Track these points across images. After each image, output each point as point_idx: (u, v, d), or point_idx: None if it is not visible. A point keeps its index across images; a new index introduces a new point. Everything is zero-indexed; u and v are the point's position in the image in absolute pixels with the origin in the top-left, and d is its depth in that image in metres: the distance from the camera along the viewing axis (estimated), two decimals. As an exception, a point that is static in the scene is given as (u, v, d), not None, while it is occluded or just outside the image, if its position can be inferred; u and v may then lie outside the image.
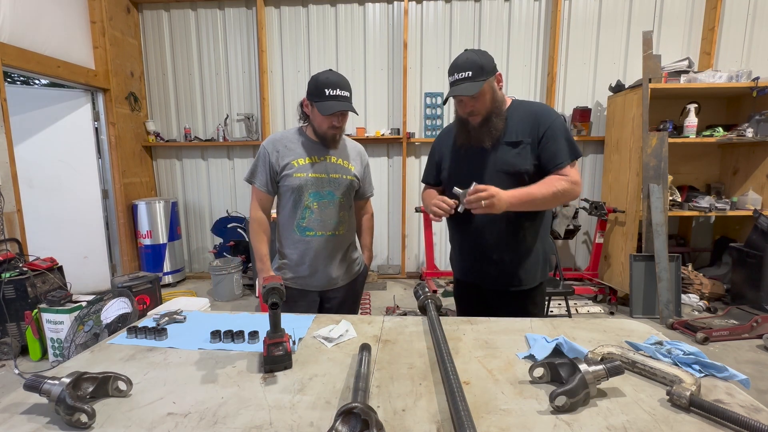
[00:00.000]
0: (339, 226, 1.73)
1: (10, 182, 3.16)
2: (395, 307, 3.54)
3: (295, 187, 1.64)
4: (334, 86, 1.55)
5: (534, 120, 1.48)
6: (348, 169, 1.74)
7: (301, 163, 1.66)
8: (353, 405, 0.76)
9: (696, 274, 4.03)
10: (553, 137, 1.45)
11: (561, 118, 1.50)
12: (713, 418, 0.82)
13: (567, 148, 1.45)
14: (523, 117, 1.50)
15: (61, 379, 0.87)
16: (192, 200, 4.98)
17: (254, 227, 1.71)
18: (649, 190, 3.56)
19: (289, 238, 1.72)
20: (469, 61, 1.43)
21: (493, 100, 1.48)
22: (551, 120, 1.47)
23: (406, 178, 4.68)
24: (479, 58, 1.44)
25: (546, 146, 1.46)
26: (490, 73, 1.45)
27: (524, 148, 1.48)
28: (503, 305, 1.59)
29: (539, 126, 1.47)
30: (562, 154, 1.44)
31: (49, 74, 3.61)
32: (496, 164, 1.51)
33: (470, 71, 1.42)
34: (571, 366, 0.93)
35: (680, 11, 4.30)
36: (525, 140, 1.48)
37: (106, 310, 2.50)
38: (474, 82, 1.42)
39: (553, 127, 1.46)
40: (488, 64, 1.44)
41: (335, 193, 1.70)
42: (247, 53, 4.69)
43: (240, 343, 1.22)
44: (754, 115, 3.69)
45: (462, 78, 1.43)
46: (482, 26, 4.49)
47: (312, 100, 1.60)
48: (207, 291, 4.49)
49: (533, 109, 1.51)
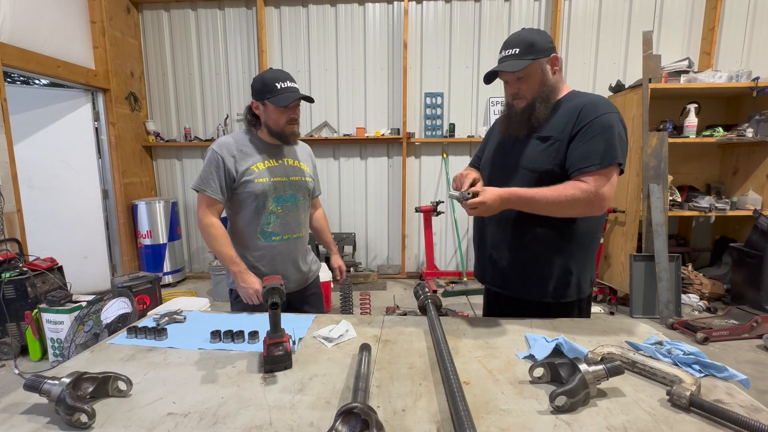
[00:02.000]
0: (302, 228, 1.74)
1: (10, 182, 3.16)
2: (395, 307, 3.54)
3: (258, 193, 1.59)
4: (283, 80, 1.54)
5: (576, 114, 1.26)
6: (303, 171, 1.74)
7: (261, 168, 1.61)
8: (353, 405, 0.76)
9: (696, 274, 4.03)
10: (590, 135, 1.22)
11: (612, 116, 1.24)
12: (713, 418, 0.82)
13: (602, 150, 1.21)
14: (569, 110, 1.29)
15: (61, 379, 0.87)
16: (192, 200, 4.98)
17: (212, 232, 1.58)
18: (649, 190, 3.56)
19: (251, 245, 1.66)
20: (521, 38, 1.28)
21: (541, 84, 1.30)
22: (595, 116, 1.23)
23: (406, 178, 4.68)
24: (532, 36, 1.28)
25: (577, 145, 1.24)
26: (543, 53, 1.27)
27: (552, 145, 1.28)
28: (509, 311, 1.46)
29: (578, 121, 1.25)
30: (592, 157, 1.21)
31: (49, 74, 3.62)
32: (521, 159, 1.34)
33: (518, 48, 1.27)
34: (571, 366, 0.93)
35: (680, 11, 4.30)
36: (556, 136, 1.28)
37: (106, 310, 2.50)
38: (520, 59, 1.26)
39: (594, 124, 1.22)
40: (542, 42, 1.28)
41: (297, 196, 1.69)
42: (247, 53, 4.69)
43: (240, 343, 1.22)
44: (754, 115, 3.69)
45: (509, 55, 1.28)
46: (482, 26, 4.49)
47: (264, 98, 1.55)
48: (207, 291, 4.49)
49: (583, 102, 1.28)
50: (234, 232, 1.69)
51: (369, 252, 4.99)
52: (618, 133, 1.23)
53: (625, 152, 1.25)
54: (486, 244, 1.49)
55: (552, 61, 1.31)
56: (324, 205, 4.78)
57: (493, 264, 1.47)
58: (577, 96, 1.34)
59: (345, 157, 4.81)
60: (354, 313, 3.45)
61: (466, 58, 4.55)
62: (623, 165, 1.26)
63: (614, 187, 1.24)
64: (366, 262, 5.01)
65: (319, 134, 4.69)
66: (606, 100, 1.29)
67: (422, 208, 4.35)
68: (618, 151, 1.22)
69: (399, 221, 4.81)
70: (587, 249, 1.39)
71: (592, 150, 1.22)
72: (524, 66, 1.26)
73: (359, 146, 4.77)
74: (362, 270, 4.82)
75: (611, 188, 1.23)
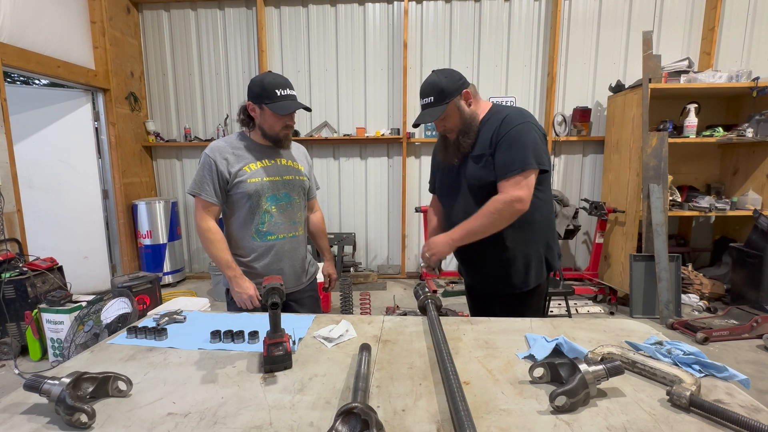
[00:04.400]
0: (298, 227, 1.74)
1: (10, 182, 3.16)
2: (395, 307, 3.54)
3: (251, 193, 1.60)
4: (283, 86, 1.55)
5: (497, 128, 1.45)
6: (298, 170, 1.74)
7: (254, 168, 1.62)
8: (353, 405, 0.76)
9: (696, 274, 4.03)
10: (507, 146, 1.41)
11: (526, 125, 1.42)
12: (713, 418, 0.82)
13: (519, 157, 1.39)
14: (491, 126, 1.48)
15: (61, 379, 0.87)
16: (192, 200, 4.96)
17: (210, 237, 1.60)
18: (649, 190, 3.56)
19: (246, 246, 1.66)
20: (431, 85, 1.46)
21: (461, 119, 1.48)
22: (510, 128, 1.42)
23: (406, 178, 4.68)
24: (440, 81, 1.45)
25: (498, 157, 1.44)
26: (453, 95, 1.45)
27: (486, 160, 1.47)
28: (499, 307, 1.60)
29: (498, 135, 1.44)
30: (511, 165, 1.41)
31: (49, 74, 3.62)
32: (467, 178, 1.54)
33: (432, 96, 1.45)
34: (571, 366, 0.93)
35: (680, 11, 4.30)
36: (486, 152, 1.47)
37: (106, 310, 2.50)
38: (436, 107, 1.46)
39: (510, 135, 1.41)
40: (450, 85, 1.45)
41: (291, 195, 1.70)
42: (247, 53, 4.69)
43: (240, 343, 1.22)
44: (754, 115, 3.69)
45: (426, 104, 1.48)
46: (482, 26, 4.49)
47: (262, 102, 1.56)
48: (207, 291, 4.49)
49: (502, 116, 1.47)
50: (229, 233, 1.70)
51: (369, 252, 4.99)
52: (533, 140, 1.41)
53: (541, 155, 1.43)
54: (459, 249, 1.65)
55: (465, 96, 1.49)
56: (324, 205, 4.81)
57: (476, 268, 1.67)
58: (497, 111, 1.52)
59: (345, 157, 4.81)
60: (354, 313, 3.45)
61: (466, 58, 4.55)
62: (543, 166, 1.44)
63: (531, 188, 1.42)
64: (366, 262, 5.01)
65: (319, 134, 4.69)
66: (521, 113, 1.47)
67: (422, 208, 4.35)
68: (531, 158, 1.40)
69: (399, 221, 4.82)
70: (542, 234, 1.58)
71: (509, 159, 1.41)
72: (440, 114, 1.46)
73: (359, 146, 4.77)
74: (362, 270, 4.83)
75: (528, 189, 1.41)
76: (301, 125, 4.71)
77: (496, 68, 4.55)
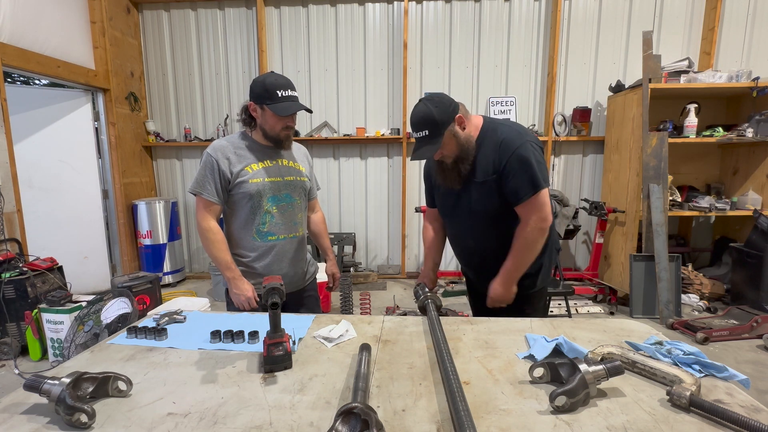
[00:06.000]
0: (299, 227, 1.75)
1: (10, 182, 3.16)
2: (395, 307, 3.53)
3: (252, 193, 1.60)
4: (284, 87, 1.55)
5: (497, 154, 1.46)
6: (299, 171, 1.75)
7: (255, 169, 1.62)
8: (353, 405, 0.76)
9: (696, 274, 4.03)
10: (513, 173, 1.43)
11: (525, 147, 1.43)
12: (713, 418, 0.82)
13: (527, 181, 1.42)
14: (489, 151, 1.48)
15: (61, 379, 0.87)
16: (192, 200, 4.97)
17: (210, 237, 1.60)
18: (649, 190, 3.56)
19: (247, 246, 1.66)
20: (424, 118, 1.41)
21: (458, 145, 1.46)
22: (511, 152, 1.43)
23: (406, 178, 4.68)
24: (432, 111, 1.40)
25: (507, 183, 1.45)
26: (447, 123, 1.42)
27: (489, 186, 1.49)
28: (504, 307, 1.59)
29: (500, 160, 1.45)
30: (522, 190, 1.43)
31: (49, 74, 3.61)
32: (470, 203, 1.55)
33: (426, 129, 1.41)
34: (571, 366, 0.93)
35: (680, 11, 4.30)
36: (489, 178, 1.48)
37: (106, 310, 2.50)
38: (432, 142, 1.42)
39: (512, 161, 1.42)
40: (443, 115, 1.41)
41: (292, 196, 1.70)
42: (247, 53, 4.69)
43: (240, 343, 1.22)
44: (754, 115, 3.69)
45: (421, 137, 1.44)
46: (482, 26, 4.48)
47: (263, 102, 1.56)
48: (207, 291, 4.49)
49: (499, 139, 1.46)
50: (230, 233, 1.70)
51: (369, 252, 4.99)
52: (535, 161, 1.43)
53: (545, 172, 1.48)
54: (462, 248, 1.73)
55: (458, 122, 1.45)
56: (324, 205, 4.81)
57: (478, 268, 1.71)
58: (490, 131, 1.50)
59: (345, 157, 4.81)
60: (354, 313, 3.45)
61: (466, 58, 4.55)
62: (548, 182, 1.49)
63: (547, 203, 1.48)
64: (366, 262, 5.01)
65: (319, 134, 4.69)
66: (516, 132, 1.48)
67: (422, 208, 4.35)
68: (539, 179, 1.43)
69: (399, 221, 4.81)
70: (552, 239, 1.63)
71: (519, 185, 1.44)
72: (438, 147, 1.43)
73: (359, 146, 4.77)
74: (362, 270, 4.82)
75: (545, 206, 1.47)
76: (301, 125, 4.71)
77: (496, 68, 4.55)
